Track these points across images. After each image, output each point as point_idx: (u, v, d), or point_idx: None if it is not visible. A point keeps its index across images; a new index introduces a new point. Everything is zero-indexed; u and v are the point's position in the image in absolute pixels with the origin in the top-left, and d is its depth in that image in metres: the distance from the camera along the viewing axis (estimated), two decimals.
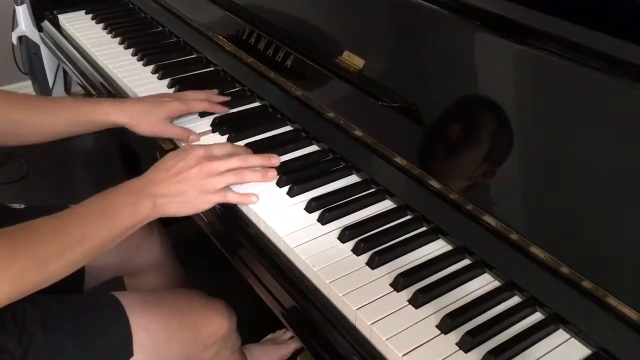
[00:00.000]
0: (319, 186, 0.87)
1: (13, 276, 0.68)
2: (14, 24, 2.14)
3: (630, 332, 0.60)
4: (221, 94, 1.10)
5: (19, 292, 0.69)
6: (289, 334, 1.45)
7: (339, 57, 0.93)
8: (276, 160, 0.89)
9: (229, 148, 0.88)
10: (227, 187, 0.84)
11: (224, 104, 1.07)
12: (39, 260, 0.70)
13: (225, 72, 1.17)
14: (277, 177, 0.87)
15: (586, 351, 0.64)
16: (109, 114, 0.98)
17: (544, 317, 0.68)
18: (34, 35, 2.12)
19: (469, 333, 0.64)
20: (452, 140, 0.79)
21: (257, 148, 0.94)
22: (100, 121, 0.99)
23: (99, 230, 0.75)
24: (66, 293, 0.94)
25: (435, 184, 0.78)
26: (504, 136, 0.73)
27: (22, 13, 2.08)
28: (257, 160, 0.88)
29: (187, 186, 0.81)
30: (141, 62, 1.22)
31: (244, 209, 0.85)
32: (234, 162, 0.85)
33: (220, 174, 0.83)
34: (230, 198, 0.84)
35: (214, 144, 0.87)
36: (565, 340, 0.66)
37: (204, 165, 0.82)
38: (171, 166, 0.82)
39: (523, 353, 0.64)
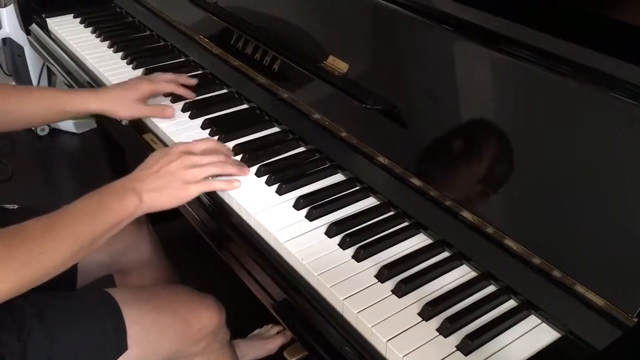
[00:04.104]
0: (306, 184, 0.91)
1: (12, 273, 0.70)
2: None
3: (595, 317, 0.65)
4: (211, 96, 1.14)
5: (19, 288, 0.72)
6: (276, 329, 1.49)
7: (324, 62, 0.97)
8: (247, 170, 0.93)
9: (210, 143, 0.93)
10: (211, 177, 0.88)
11: (191, 89, 1.13)
12: (35, 257, 0.72)
13: (214, 75, 1.20)
14: (276, 185, 0.90)
15: (555, 335, 0.69)
16: (88, 102, 1.03)
17: (517, 304, 0.73)
18: (18, 37, 2.13)
19: (448, 320, 0.69)
20: (432, 141, 0.84)
21: (246, 149, 0.97)
22: (79, 109, 1.04)
23: (90, 226, 0.78)
24: (59, 291, 0.97)
25: (416, 181, 0.83)
26: (480, 136, 0.78)
27: (6, 15, 2.09)
28: (233, 162, 0.93)
29: (170, 179, 0.84)
30: (131, 65, 1.25)
31: (234, 206, 0.89)
32: (213, 158, 0.89)
33: (201, 166, 0.87)
34: (215, 185, 0.88)
35: (196, 141, 0.92)
36: (537, 325, 0.71)
37: (185, 158, 0.86)
38: (153, 163, 0.86)
39: (498, 337, 0.69)
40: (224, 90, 1.17)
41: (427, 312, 0.70)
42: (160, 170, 0.85)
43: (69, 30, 1.41)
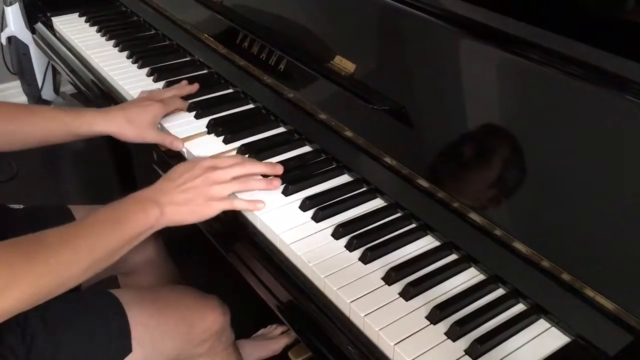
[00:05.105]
0: (313, 185, 0.90)
1: (29, 284, 0.68)
2: (2, 25, 2.15)
3: (605, 321, 0.64)
4: (216, 96, 1.14)
5: (36, 299, 0.70)
6: (280, 329, 1.49)
7: (331, 62, 0.97)
8: (280, 168, 0.91)
9: (236, 159, 0.90)
10: (233, 195, 0.86)
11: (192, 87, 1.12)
12: (53, 268, 0.70)
13: (219, 75, 1.20)
14: (282, 186, 0.89)
15: (565, 339, 0.69)
16: (93, 124, 0.99)
17: (526, 307, 0.72)
18: (23, 35, 2.13)
19: (456, 323, 0.68)
20: (439, 142, 0.83)
21: (252, 149, 0.97)
22: (82, 132, 1.00)
23: (109, 237, 0.76)
24: (64, 293, 0.96)
25: (423, 183, 0.82)
26: (488, 138, 0.77)
27: (12, 14, 2.09)
28: (261, 167, 0.90)
29: (193, 194, 0.83)
30: (136, 64, 1.24)
31: None
32: (237, 170, 0.87)
33: (225, 182, 0.85)
34: (238, 205, 0.86)
35: (222, 156, 0.89)
36: (546, 329, 0.70)
37: (209, 174, 0.84)
38: (178, 176, 0.84)
39: (507, 341, 0.68)
40: (230, 90, 1.16)
41: (435, 315, 0.70)
42: (184, 184, 0.83)
43: (74, 29, 1.40)
